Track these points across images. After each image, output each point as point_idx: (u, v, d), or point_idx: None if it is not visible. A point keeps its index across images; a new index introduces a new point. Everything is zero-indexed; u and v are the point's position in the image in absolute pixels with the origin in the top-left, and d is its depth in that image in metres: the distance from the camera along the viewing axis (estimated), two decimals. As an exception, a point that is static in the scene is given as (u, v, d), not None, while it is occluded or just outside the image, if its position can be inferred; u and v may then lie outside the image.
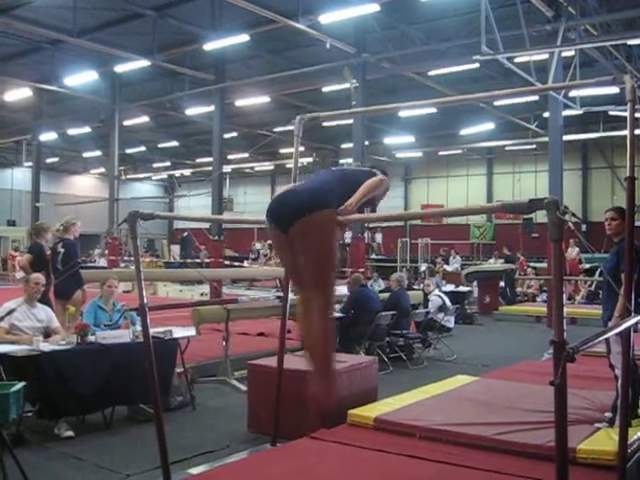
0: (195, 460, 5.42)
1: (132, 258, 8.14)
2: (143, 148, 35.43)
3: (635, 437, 5.14)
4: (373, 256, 27.78)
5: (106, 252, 24.62)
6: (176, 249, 33.28)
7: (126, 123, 26.36)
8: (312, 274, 3.52)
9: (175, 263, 29.19)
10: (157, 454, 4.49)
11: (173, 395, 7.01)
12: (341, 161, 32.58)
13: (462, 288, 16.99)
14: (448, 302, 11.60)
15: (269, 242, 30.03)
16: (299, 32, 15.61)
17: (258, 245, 31.03)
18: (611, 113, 21.15)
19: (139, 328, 6.25)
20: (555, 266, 2.94)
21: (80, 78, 20.51)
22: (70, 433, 6.01)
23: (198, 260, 26.35)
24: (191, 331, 7.58)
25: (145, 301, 4.46)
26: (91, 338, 6.33)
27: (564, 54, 15.56)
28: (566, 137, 18.25)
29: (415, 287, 15.57)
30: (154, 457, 4.63)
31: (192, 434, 6.25)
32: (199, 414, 7.02)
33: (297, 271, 3.66)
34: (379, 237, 31.52)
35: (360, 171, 4.01)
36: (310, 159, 32.34)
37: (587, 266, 20.10)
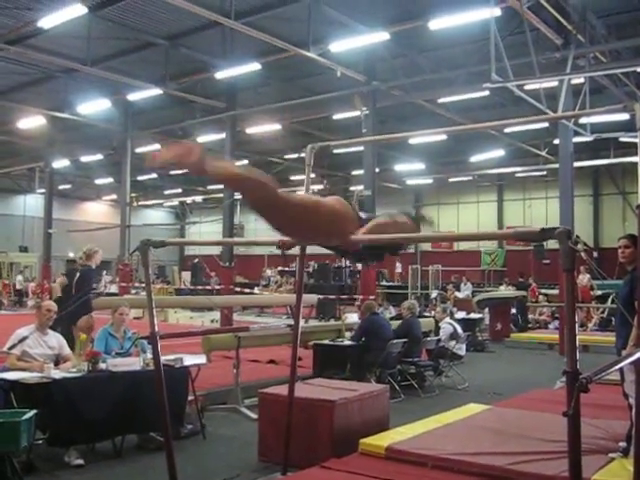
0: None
1: (143, 285, 8.19)
2: (154, 175, 35.63)
3: (650, 467, 5.08)
4: (384, 283, 27.73)
5: (117, 279, 24.66)
6: (187, 276, 33.33)
7: (138, 150, 26.56)
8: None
9: (186, 290, 29.22)
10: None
11: (183, 423, 6.98)
12: (352, 188, 32.63)
13: (473, 315, 16.89)
14: (459, 329, 11.53)
15: (279, 269, 30.16)
16: (310, 60, 15.71)
17: (269, 272, 31.04)
18: (622, 139, 21.16)
19: (150, 356, 6.24)
20: (568, 296, 2.93)
21: (93, 106, 20.71)
22: (80, 461, 5.99)
23: (209, 287, 26.37)
24: (202, 359, 7.56)
25: (156, 329, 4.46)
26: (102, 366, 6.32)
27: (574, 81, 15.60)
28: (577, 164, 18.25)
29: (426, 314, 15.54)
30: (165, 486, 4.60)
31: (202, 463, 6.22)
32: (210, 442, 6.98)
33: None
34: (399, 266, 31.34)
35: None
36: (321, 186, 32.48)
37: (599, 293, 19.98)
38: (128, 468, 6.09)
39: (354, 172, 30.80)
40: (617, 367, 3.95)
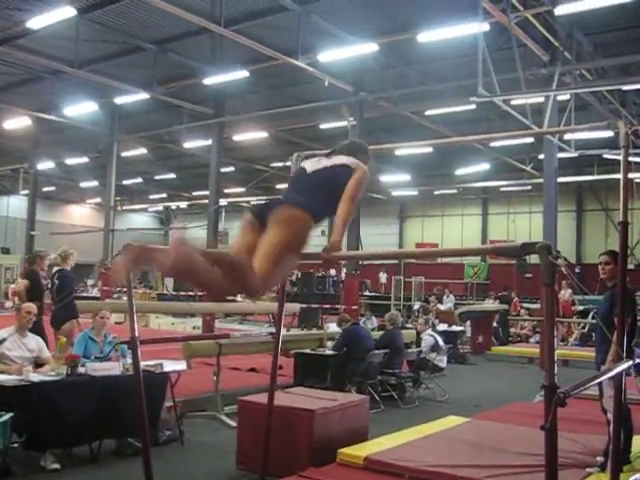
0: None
1: (125, 289, 8.17)
2: (140, 179, 35.54)
3: (626, 483, 5.12)
4: (367, 293, 27.76)
5: (99, 283, 24.51)
6: (170, 281, 33.16)
7: (124, 154, 26.48)
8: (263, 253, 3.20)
9: (168, 295, 29.08)
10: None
11: (162, 429, 6.94)
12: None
13: (455, 327, 16.95)
14: (441, 341, 11.55)
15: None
16: (298, 69, 15.75)
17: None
18: (605, 156, 21.35)
19: (129, 361, 6.21)
20: (547, 310, 2.95)
21: (79, 108, 20.65)
22: (56, 466, 5.93)
23: (191, 293, 26.27)
24: (182, 365, 7.54)
25: (137, 334, 4.44)
26: (81, 370, 6.28)
27: (559, 97, 15.76)
28: (561, 179, 18.39)
29: (408, 326, 15.55)
30: (141, 492, 4.56)
31: (180, 470, 6.19)
32: (188, 449, 6.94)
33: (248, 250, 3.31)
34: (384, 277, 31.35)
35: (342, 170, 3.74)
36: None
37: (580, 308, 20.10)
38: (105, 473, 6.04)
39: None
40: (595, 382, 3.97)
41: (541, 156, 17.60)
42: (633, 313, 5.56)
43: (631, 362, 4.36)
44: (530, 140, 21.39)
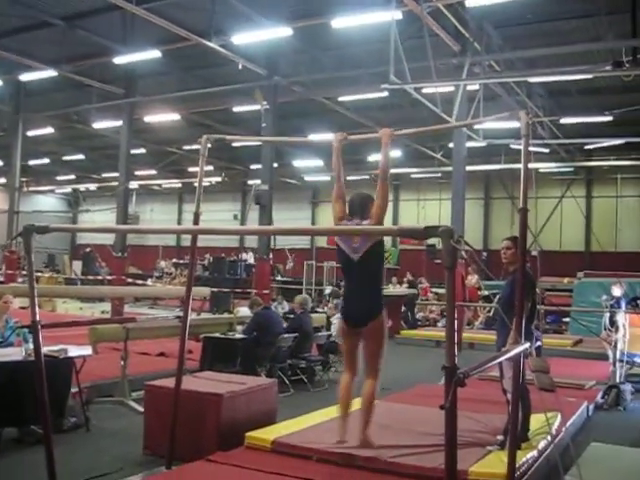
0: (87, 484, 5.25)
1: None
2: (47, 160, 34.39)
3: (524, 460, 5.32)
4: (279, 278, 27.80)
5: (3, 266, 23.70)
6: (78, 265, 32.38)
7: (30, 134, 25.54)
8: (370, 358, 5.41)
9: (76, 279, 28.40)
10: (47, 478, 4.34)
11: (67, 416, 6.79)
12: (250, 182, 32.51)
13: (365, 312, 17.14)
14: (350, 325, 11.66)
15: (174, 261, 29.78)
16: (211, 51, 15.55)
17: (163, 264, 30.56)
18: (512, 146, 22.00)
19: (32, 346, 6.03)
20: (448, 293, 3.03)
21: (-18, 85, 19.84)
22: (-47, 455, 5.74)
23: (100, 277, 25.74)
24: (87, 350, 7.39)
25: (37, 318, 4.32)
26: (-20, 355, 6.08)
27: (469, 87, 16.12)
28: (469, 167, 18.85)
29: (319, 310, 15.67)
30: (44, 481, 4.45)
31: (85, 457, 6.08)
32: (93, 436, 6.82)
33: (354, 354, 5.51)
34: (290, 264, 31.08)
35: (378, 247, 5.34)
36: (219, 178, 32.20)
37: (486, 293, 20.65)
38: (7, 462, 5.89)
39: (253, 166, 30.67)
40: (494, 363, 4.11)
41: (451, 144, 17.99)
42: (533, 297, 5.77)
43: (529, 344, 4.53)
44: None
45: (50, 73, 18.33)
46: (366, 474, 5.20)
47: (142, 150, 29.19)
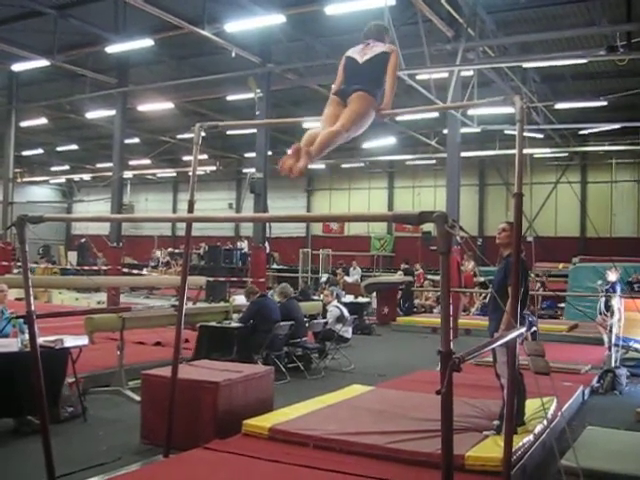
0: (84, 474, 5.22)
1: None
2: (41, 151, 34.26)
3: (520, 444, 5.35)
4: (274, 266, 27.80)
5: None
6: (73, 256, 32.32)
7: (23, 124, 25.43)
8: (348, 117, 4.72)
9: (71, 270, 28.34)
10: (44, 468, 4.34)
11: (63, 406, 6.79)
12: (244, 170, 32.45)
13: (361, 299, 17.20)
14: (346, 313, 11.69)
15: (169, 250, 29.73)
16: (204, 39, 15.48)
17: (158, 253, 30.52)
18: (506, 132, 21.98)
19: (27, 337, 6.03)
20: (443, 278, 3.03)
21: (-26, 75, 19.73)
22: (-49, 446, 5.74)
23: (95, 267, 25.70)
24: (83, 340, 7.37)
25: (33, 308, 4.31)
26: (-24, 346, 6.08)
27: (463, 73, 16.08)
28: (464, 154, 18.84)
29: (315, 297, 15.69)
30: (41, 471, 4.45)
31: (82, 447, 6.08)
32: (90, 426, 6.82)
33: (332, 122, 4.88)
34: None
35: (384, 56, 4.88)
36: (213, 167, 32.14)
37: (481, 279, 20.68)
38: (4, 453, 5.87)
39: (247, 154, 30.62)
40: (488, 348, 4.12)
41: (445, 131, 17.96)
42: (525, 283, 5.78)
43: (523, 329, 4.54)
44: (435, 115, 21.76)
45: (42, 63, 18.19)
46: (363, 460, 5.22)
47: (136, 139, 29.10)
